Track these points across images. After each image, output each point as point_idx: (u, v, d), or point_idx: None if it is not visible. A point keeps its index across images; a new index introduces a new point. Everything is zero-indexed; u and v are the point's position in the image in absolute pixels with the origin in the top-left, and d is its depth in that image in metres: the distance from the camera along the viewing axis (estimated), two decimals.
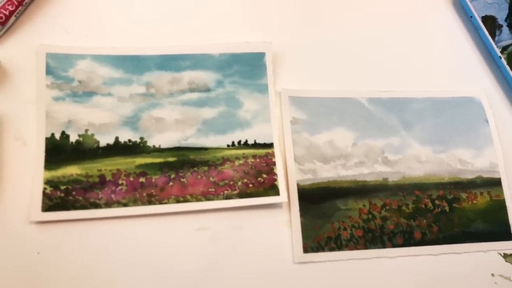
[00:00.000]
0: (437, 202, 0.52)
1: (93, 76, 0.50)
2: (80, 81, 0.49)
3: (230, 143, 0.50)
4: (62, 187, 0.45)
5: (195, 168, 0.48)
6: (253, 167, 0.49)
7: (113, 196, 0.46)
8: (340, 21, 0.58)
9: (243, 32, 0.54)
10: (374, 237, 0.49)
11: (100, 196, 0.46)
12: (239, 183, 0.48)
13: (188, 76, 0.51)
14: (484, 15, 0.60)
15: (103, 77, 0.50)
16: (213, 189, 0.48)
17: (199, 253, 0.46)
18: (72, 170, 0.46)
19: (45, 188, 0.45)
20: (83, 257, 0.44)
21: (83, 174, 0.46)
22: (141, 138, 0.48)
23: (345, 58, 0.56)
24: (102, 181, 0.46)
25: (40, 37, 0.50)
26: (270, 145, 0.50)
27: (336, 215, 0.49)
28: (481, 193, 0.53)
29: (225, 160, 0.49)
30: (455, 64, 0.59)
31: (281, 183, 0.49)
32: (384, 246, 0.49)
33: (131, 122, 0.49)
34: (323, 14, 0.58)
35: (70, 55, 0.50)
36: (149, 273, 0.45)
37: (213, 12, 0.55)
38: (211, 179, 0.48)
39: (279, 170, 0.49)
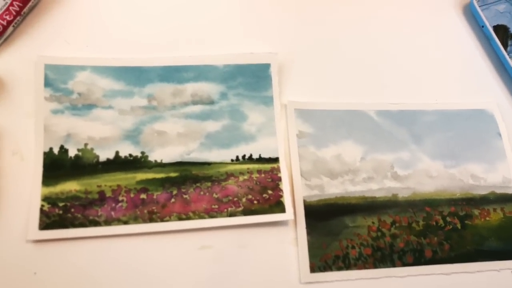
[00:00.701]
0: (448, 219, 0.50)
1: (93, 88, 0.48)
2: (79, 94, 0.48)
3: (234, 158, 0.48)
4: (60, 204, 0.44)
5: (198, 184, 0.46)
6: (258, 183, 0.47)
7: (113, 213, 0.44)
8: (347, 31, 0.57)
9: (247, 42, 0.53)
10: (383, 255, 0.47)
11: (99, 213, 0.44)
12: (244, 200, 0.46)
13: (191, 88, 0.50)
14: (496, 24, 0.59)
15: (104, 89, 0.48)
16: (216, 206, 0.46)
17: (202, 273, 0.44)
18: (70, 186, 0.45)
19: (42, 205, 0.43)
20: (81, 277, 0.43)
21: (82, 190, 0.45)
22: (142, 153, 0.47)
23: (352, 69, 0.55)
24: (101, 198, 0.45)
25: (39, 48, 0.49)
26: (276, 160, 0.48)
27: (344, 233, 0.47)
28: (494, 210, 0.51)
29: (229, 175, 0.47)
30: (466, 75, 0.57)
31: (287, 200, 0.47)
32: (394, 265, 0.47)
33: (132, 136, 0.47)
34: (330, 25, 0.57)
35: (70, 66, 0.48)
36: None
37: (217, 22, 0.54)
38: (214, 195, 0.46)
39: (285, 186, 0.47)
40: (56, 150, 0.46)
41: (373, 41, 0.57)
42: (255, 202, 0.46)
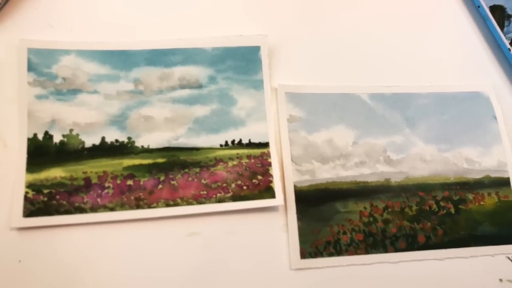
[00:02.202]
0: (442, 203, 0.49)
1: (78, 72, 0.47)
2: (64, 78, 0.47)
3: (223, 143, 0.47)
4: (45, 191, 0.43)
5: (186, 170, 0.46)
6: (248, 168, 0.46)
7: (99, 200, 0.43)
8: (340, 12, 0.55)
9: (237, 24, 0.52)
10: (375, 241, 0.46)
11: (85, 200, 0.43)
12: (233, 185, 0.46)
13: (179, 71, 0.49)
14: (492, 4, 0.57)
15: (89, 73, 0.47)
16: (205, 192, 0.45)
17: (191, 260, 0.44)
18: (55, 173, 0.44)
19: (26, 192, 0.43)
20: (67, 265, 0.42)
21: (68, 177, 0.44)
22: (129, 138, 0.46)
23: (345, 51, 0.54)
24: (87, 184, 0.44)
25: (22, 31, 0.48)
26: (266, 145, 0.47)
27: (336, 218, 0.46)
28: (489, 194, 0.50)
29: (218, 161, 0.46)
30: (462, 57, 0.56)
31: (277, 185, 0.46)
32: (386, 250, 0.46)
33: (118, 121, 0.46)
34: (322, 5, 0.55)
35: (54, 50, 0.47)
36: (137, 281, 0.42)
37: (205, 4, 0.53)
38: (203, 181, 0.45)
39: (275, 171, 0.47)
40: (40, 136, 0.45)
41: (366, 22, 0.55)
42: (245, 187, 0.46)
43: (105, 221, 0.43)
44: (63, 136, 0.45)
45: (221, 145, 0.47)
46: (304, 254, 0.45)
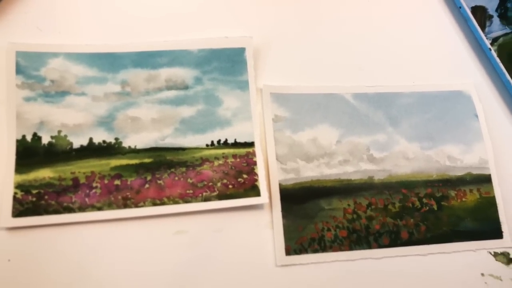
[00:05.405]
0: (425, 200, 0.50)
1: (66, 75, 0.48)
2: (52, 81, 0.47)
3: (209, 143, 0.48)
4: (34, 191, 0.44)
5: (173, 169, 0.46)
6: (233, 167, 0.47)
7: (87, 199, 0.44)
8: (323, 13, 0.56)
9: (222, 26, 0.52)
10: (359, 237, 0.47)
11: (73, 200, 0.44)
12: (219, 184, 0.46)
13: (165, 73, 0.49)
14: (473, 5, 0.58)
15: (77, 76, 0.48)
16: (191, 191, 0.46)
17: (177, 258, 0.44)
18: (44, 173, 0.45)
19: (15, 193, 0.43)
20: (56, 263, 0.43)
21: (56, 177, 0.45)
22: (116, 139, 0.47)
23: (329, 52, 0.54)
24: (75, 184, 0.45)
25: (10, 34, 0.48)
26: (251, 144, 0.48)
27: (320, 216, 0.47)
28: (471, 190, 0.51)
29: (204, 160, 0.47)
30: (444, 57, 0.57)
31: (262, 183, 0.47)
32: (369, 247, 0.47)
33: (106, 122, 0.47)
34: (306, 7, 0.56)
35: (42, 53, 0.48)
36: (125, 279, 0.43)
37: (191, 6, 0.54)
38: (189, 180, 0.46)
39: (260, 170, 0.47)
40: (29, 138, 0.45)
41: (350, 23, 0.56)
42: (230, 186, 0.46)
43: (93, 221, 0.44)
44: (52, 137, 0.46)
45: (207, 145, 0.48)
46: (289, 251, 0.46)
